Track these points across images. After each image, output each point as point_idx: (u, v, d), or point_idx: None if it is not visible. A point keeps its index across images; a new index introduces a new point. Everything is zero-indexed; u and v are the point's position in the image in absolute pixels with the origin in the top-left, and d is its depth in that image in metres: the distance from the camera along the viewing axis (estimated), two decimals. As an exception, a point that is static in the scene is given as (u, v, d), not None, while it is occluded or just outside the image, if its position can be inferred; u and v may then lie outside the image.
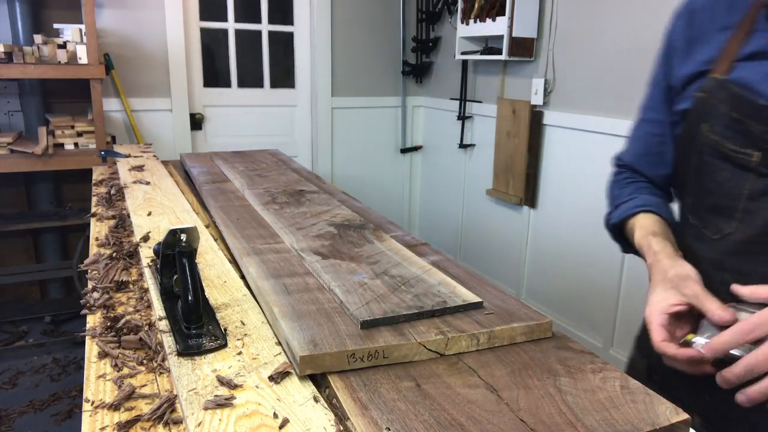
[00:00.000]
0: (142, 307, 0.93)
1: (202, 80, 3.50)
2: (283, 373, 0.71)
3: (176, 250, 0.84)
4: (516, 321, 0.82)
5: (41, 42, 2.70)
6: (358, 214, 1.36)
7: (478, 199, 3.55)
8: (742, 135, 0.77)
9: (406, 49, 3.94)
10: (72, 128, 2.90)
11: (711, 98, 0.81)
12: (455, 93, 3.62)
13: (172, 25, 3.27)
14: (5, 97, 3.02)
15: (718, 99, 0.80)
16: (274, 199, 1.48)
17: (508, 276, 3.32)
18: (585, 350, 0.79)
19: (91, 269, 1.09)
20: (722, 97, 0.80)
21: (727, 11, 0.84)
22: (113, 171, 2.02)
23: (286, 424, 0.61)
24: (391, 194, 4.18)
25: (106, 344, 0.80)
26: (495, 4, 2.96)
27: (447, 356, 0.76)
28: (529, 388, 0.68)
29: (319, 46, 3.69)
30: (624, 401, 0.66)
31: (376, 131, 4.02)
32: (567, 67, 2.77)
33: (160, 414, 0.65)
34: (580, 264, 2.78)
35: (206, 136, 3.60)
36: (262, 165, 1.97)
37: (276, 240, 1.17)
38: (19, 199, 3.18)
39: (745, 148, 0.77)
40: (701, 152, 0.83)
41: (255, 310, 0.90)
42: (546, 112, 2.91)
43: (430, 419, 0.62)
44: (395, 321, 0.80)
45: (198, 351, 0.76)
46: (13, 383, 2.60)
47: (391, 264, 1.01)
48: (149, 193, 1.60)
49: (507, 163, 3.17)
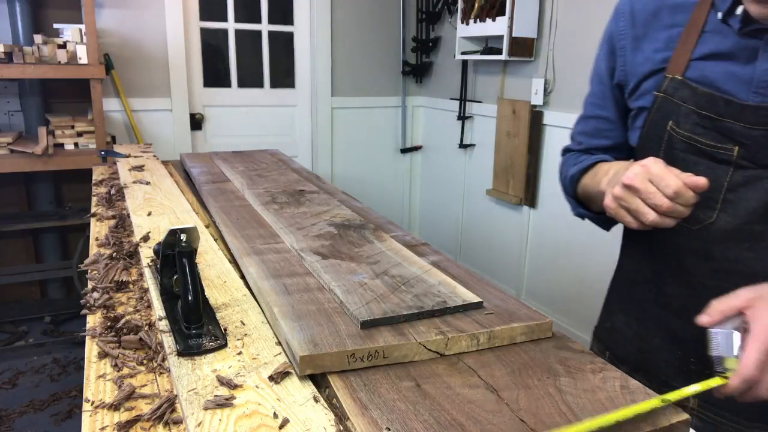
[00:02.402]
0: (142, 307, 0.93)
1: (202, 80, 3.51)
2: (283, 373, 0.71)
3: (176, 250, 0.84)
4: (516, 321, 0.82)
5: (41, 42, 2.70)
6: (358, 214, 1.36)
7: (478, 199, 3.55)
8: (715, 131, 0.81)
9: (406, 49, 3.94)
10: (72, 128, 2.90)
11: (673, 97, 0.85)
12: (455, 93, 3.62)
13: (172, 25, 3.27)
14: (5, 97, 3.02)
15: (681, 97, 0.84)
16: (274, 199, 1.48)
17: (508, 276, 3.32)
18: (585, 350, 0.79)
19: (91, 269, 1.09)
20: (685, 96, 0.83)
21: (672, 10, 0.87)
22: (113, 171, 2.02)
23: (286, 424, 0.61)
24: (391, 194, 4.18)
25: (106, 344, 0.80)
26: (495, 4, 2.96)
27: (447, 356, 0.76)
28: (529, 388, 0.68)
29: (319, 46, 3.69)
30: (624, 401, 0.66)
31: (376, 131, 4.02)
32: (567, 67, 2.77)
33: (160, 414, 0.65)
34: (580, 264, 2.78)
35: (206, 136, 3.60)
36: (262, 165, 1.97)
37: (276, 240, 1.17)
38: (19, 199, 3.18)
39: (722, 143, 0.81)
40: (672, 148, 0.86)
41: (255, 310, 0.90)
42: (546, 112, 2.91)
43: (430, 419, 0.62)
44: (395, 321, 0.80)
45: (198, 351, 0.76)
46: (13, 383, 2.60)
47: (391, 264, 1.01)
48: (149, 193, 1.60)
49: (507, 163, 3.17)
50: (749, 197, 0.80)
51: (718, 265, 0.84)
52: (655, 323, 0.96)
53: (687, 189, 0.73)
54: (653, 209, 0.75)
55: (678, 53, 0.85)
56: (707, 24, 0.83)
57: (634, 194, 0.76)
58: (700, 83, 0.82)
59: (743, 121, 0.79)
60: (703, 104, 0.82)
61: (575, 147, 1.08)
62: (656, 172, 0.74)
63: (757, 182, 0.80)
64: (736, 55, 0.80)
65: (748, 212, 0.81)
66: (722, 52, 0.81)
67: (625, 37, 0.93)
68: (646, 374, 0.96)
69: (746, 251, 0.82)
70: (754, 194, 0.80)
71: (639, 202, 0.75)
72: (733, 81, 0.80)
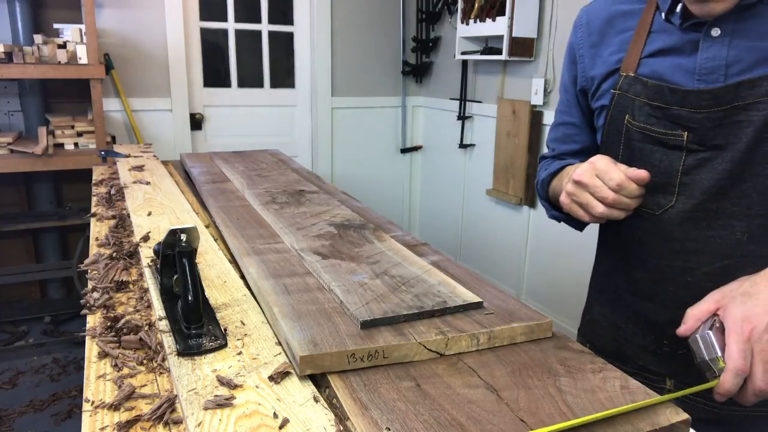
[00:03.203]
0: (142, 307, 0.93)
1: (202, 80, 3.51)
2: (283, 373, 0.71)
3: (176, 250, 0.84)
4: (516, 321, 0.82)
5: (41, 42, 2.70)
6: (358, 214, 1.36)
7: (478, 199, 3.55)
8: (666, 120, 0.87)
9: (406, 49, 3.94)
10: (72, 128, 2.90)
11: (628, 93, 0.91)
12: (455, 93, 3.62)
13: (172, 25, 3.27)
14: (5, 97, 3.02)
15: (635, 92, 0.90)
16: (274, 199, 1.48)
17: (508, 276, 3.32)
18: (585, 350, 0.79)
19: (91, 269, 1.09)
20: (638, 90, 0.90)
21: (623, 16, 0.95)
22: (113, 171, 2.02)
23: (286, 424, 0.61)
24: (391, 194, 4.17)
25: (106, 344, 0.80)
26: (495, 4, 2.96)
27: (447, 356, 0.76)
28: (529, 388, 0.68)
29: (319, 46, 3.69)
30: (624, 401, 0.66)
31: (376, 131, 4.02)
32: (567, 67, 2.77)
33: (160, 414, 0.65)
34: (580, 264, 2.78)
35: (206, 136, 3.60)
36: (262, 165, 1.97)
37: (276, 240, 1.17)
38: (19, 199, 3.18)
39: (674, 130, 0.87)
40: (630, 139, 0.92)
41: (255, 310, 0.90)
42: (546, 112, 2.91)
43: (430, 419, 0.62)
44: (395, 321, 0.80)
45: (198, 351, 0.76)
46: (13, 383, 2.60)
47: (391, 264, 1.01)
48: (149, 193, 1.60)
49: (507, 163, 3.17)
50: (702, 178, 0.86)
51: (680, 246, 0.89)
52: (626, 310, 1.00)
53: (630, 182, 0.81)
54: (601, 202, 0.82)
55: (630, 53, 0.92)
56: (653, 25, 0.91)
57: (583, 189, 0.83)
58: (650, 77, 0.89)
59: (688, 107, 0.85)
60: (653, 95, 0.88)
61: (549, 154, 1.15)
62: (601, 167, 0.82)
63: (707, 163, 0.85)
64: (680, 48, 0.87)
65: (702, 192, 0.86)
66: (668, 48, 0.88)
67: (583, 45, 1.01)
68: (623, 362, 1.00)
69: (705, 230, 0.87)
70: (707, 175, 0.85)
71: (588, 196, 0.83)
72: (680, 72, 0.86)
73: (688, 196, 0.87)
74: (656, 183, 0.88)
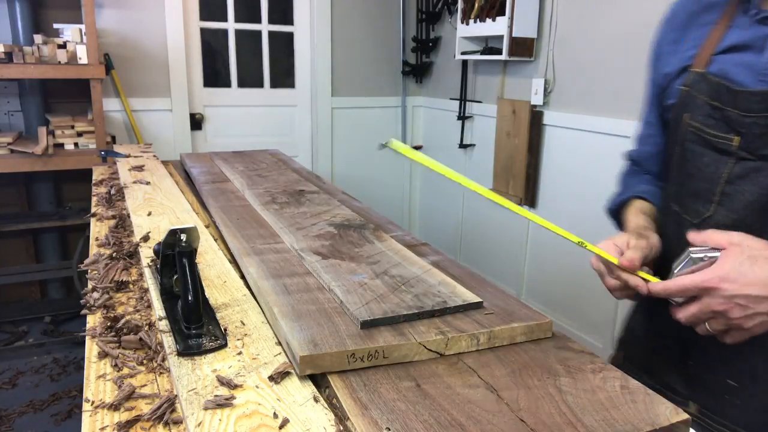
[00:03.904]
0: (142, 307, 0.93)
1: (202, 80, 3.50)
2: (283, 373, 0.71)
3: (176, 250, 0.84)
4: (516, 321, 0.82)
5: (41, 42, 2.70)
6: (358, 214, 1.36)
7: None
8: (723, 122, 0.82)
9: (406, 49, 3.94)
10: (72, 128, 2.90)
11: (692, 90, 0.86)
12: (455, 93, 3.62)
13: (172, 25, 3.27)
14: (5, 97, 3.02)
15: (698, 90, 0.85)
16: (274, 199, 1.48)
17: (508, 276, 3.32)
18: (585, 350, 0.79)
19: (91, 269, 1.09)
20: (702, 88, 0.85)
21: (706, 10, 0.89)
22: (113, 171, 2.02)
23: (286, 424, 0.61)
24: (391, 194, 4.17)
25: (106, 344, 0.80)
26: (495, 4, 2.96)
27: (447, 356, 0.76)
28: (529, 388, 0.68)
29: (319, 46, 3.69)
30: (624, 401, 0.66)
31: (376, 131, 4.02)
32: (567, 67, 2.77)
33: (160, 414, 0.65)
34: (580, 264, 2.78)
35: (206, 136, 3.60)
36: (262, 165, 1.97)
37: (276, 240, 1.17)
38: (19, 199, 3.18)
39: (726, 133, 0.81)
40: (684, 140, 0.88)
41: (255, 310, 0.90)
42: (546, 112, 2.91)
43: (430, 419, 0.62)
44: (395, 321, 0.80)
45: (198, 351, 0.76)
46: (13, 383, 2.60)
47: (391, 264, 1.01)
48: (149, 193, 1.60)
49: (507, 163, 3.17)
50: (745, 190, 0.80)
51: None
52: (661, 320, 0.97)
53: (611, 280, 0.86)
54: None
55: (703, 48, 0.86)
56: (735, 18, 0.84)
57: None
58: (716, 75, 0.83)
59: (738, 108, 0.79)
60: (714, 94, 0.83)
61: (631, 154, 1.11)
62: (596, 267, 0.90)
63: (753, 175, 0.79)
64: (751, 45, 0.80)
65: (744, 206, 0.80)
66: (740, 44, 0.82)
67: (664, 42, 0.96)
68: (650, 375, 0.97)
69: None
70: (750, 187, 0.79)
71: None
72: (746, 70, 0.80)
73: (729, 209, 0.82)
74: (698, 189, 0.84)
